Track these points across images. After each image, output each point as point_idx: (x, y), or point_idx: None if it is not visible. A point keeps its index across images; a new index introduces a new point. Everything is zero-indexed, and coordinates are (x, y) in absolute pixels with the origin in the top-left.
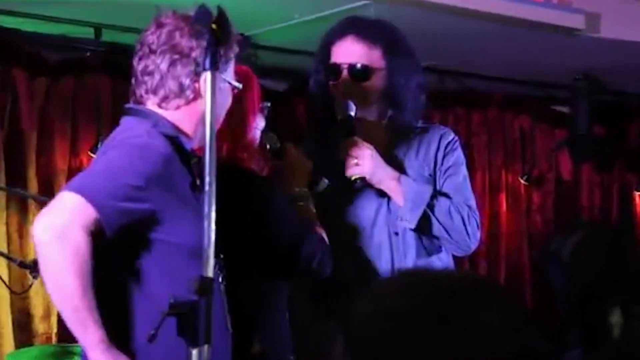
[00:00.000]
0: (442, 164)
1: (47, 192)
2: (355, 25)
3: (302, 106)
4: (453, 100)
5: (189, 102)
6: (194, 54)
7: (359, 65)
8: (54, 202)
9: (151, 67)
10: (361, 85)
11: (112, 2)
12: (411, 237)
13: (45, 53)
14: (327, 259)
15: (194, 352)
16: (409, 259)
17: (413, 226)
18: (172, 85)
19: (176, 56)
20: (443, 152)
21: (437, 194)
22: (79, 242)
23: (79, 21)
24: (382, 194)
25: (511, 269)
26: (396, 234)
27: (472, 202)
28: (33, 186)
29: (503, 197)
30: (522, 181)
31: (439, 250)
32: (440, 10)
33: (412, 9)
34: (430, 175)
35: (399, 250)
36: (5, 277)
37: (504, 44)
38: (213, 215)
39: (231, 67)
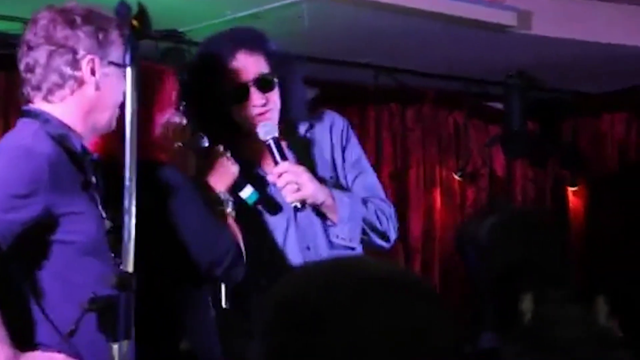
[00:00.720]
0: (343, 160)
1: None
2: (238, 39)
3: None
4: (387, 97)
5: (74, 91)
6: (70, 43)
7: (265, 75)
8: None
9: (31, 63)
10: (267, 97)
11: None
12: (324, 248)
13: None
14: (237, 265)
15: (114, 347)
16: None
17: (354, 245)
18: (53, 77)
19: (53, 47)
20: (340, 148)
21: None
22: None
23: (7, 17)
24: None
25: (446, 263)
26: (307, 248)
27: (383, 193)
28: None
29: (437, 193)
30: (456, 177)
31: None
32: (373, 8)
33: (346, 6)
34: (331, 177)
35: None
36: None
37: (437, 40)
38: (133, 209)
39: (115, 51)
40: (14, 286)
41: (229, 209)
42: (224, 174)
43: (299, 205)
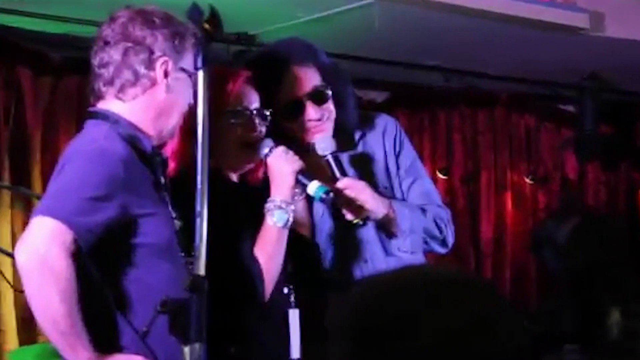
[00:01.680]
0: (397, 167)
1: None
2: (289, 53)
3: None
4: (458, 99)
5: (146, 90)
6: (147, 42)
7: (319, 88)
8: (32, 229)
9: (106, 59)
10: (322, 109)
11: (115, 1)
12: (380, 260)
13: (49, 52)
14: (254, 287)
15: (186, 349)
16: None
17: (413, 256)
18: (127, 74)
19: (129, 45)
20: (394, 155)
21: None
22: (62, 266)
23: (83, 20)
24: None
25: (516, 268)
26: (365, 261)
27: (439, 199)
28: (37, 185)
29: (508, 196)
30: (527, 180)
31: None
32: (444, 10)
33: (417, 7)
34: (386, 188)
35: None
36: (9, 275)
37: (509, 43)
38: (205, 212)
39: (187, 58)
40: (94, 289)
41: (284, 219)
42: (283, 176)
43: (361, 222)
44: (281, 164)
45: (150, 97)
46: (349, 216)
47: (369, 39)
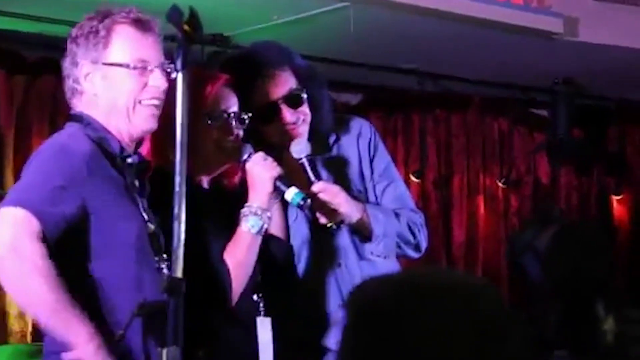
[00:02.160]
0: (371, 172)
1: None
2: (264, 56)
3: None
4: (432, 103)
5: (82, 95)
6: (72, 53)
7: (295, 91)
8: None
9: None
10: (298, 112)
11: (89, 1)
12: (355, 263)
13: (23, 51)
14: (222, 292)
15: (163, 352)
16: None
17: (387, 261)
18: (68, 83)
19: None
20: (368, 159)
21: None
22: (33, 249)
23: (57, 20)
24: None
25: (488, 271)
26: (339, 265)
27: (413, 203)
28: (10, 184)
29: (481, 200)
30: (500, 184)
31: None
32: (418, 13)
33: (391, 11)
34: (360, 191)
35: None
36: None
37: (483, 47)
38: (183, 216)
39: (117, 48)
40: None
41: (258, 225)
42: (261, 182)
43: (335, 227)
44: (260, 170)
45: (88, 102)
46: (322, 220)
47: (344, 41)
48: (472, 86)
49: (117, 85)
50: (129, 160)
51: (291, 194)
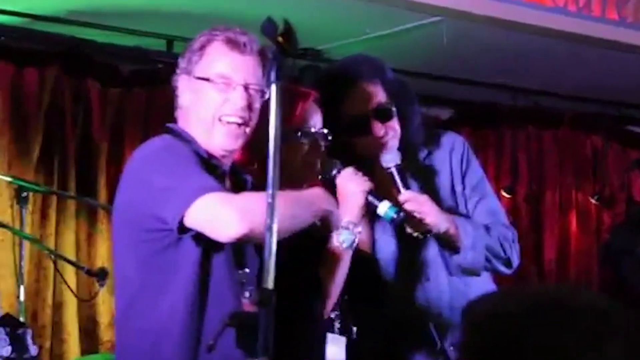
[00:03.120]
0: (463, 187)
1: None
2: (356, 69)
3: None
4: (525, 118)
5: (180, 108)
6: (179, 60)
7: (384, 105)
8: (209, 211)
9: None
10: (386, 126)
11: (184, 14)
12: (444, 278)
13: (118, 64)
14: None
15: None
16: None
17: (475, 274)
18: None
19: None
20: (460, 174)
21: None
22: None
23: (151, 33)
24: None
25: None
26: (428, 279)
27: (505, 218)
28: (103, 195)
29: (573, 216)
30: (593, 201)
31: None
32: (513, 28)
33: (486, 26)
34: (451, 206)
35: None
36: (73, 285)
37: (576, 62)
38: (275, 227)
39: (207, 64)
40: None
41: (350, 240)
42: (353, 196)
43: (421, 236)
44: (351, 184)
45: (183, 114)
46: (409, 229)
47: (437, 55)
48: (565, 102)
49: (201, 99)
50: (224, 169)
51: (384, 208)
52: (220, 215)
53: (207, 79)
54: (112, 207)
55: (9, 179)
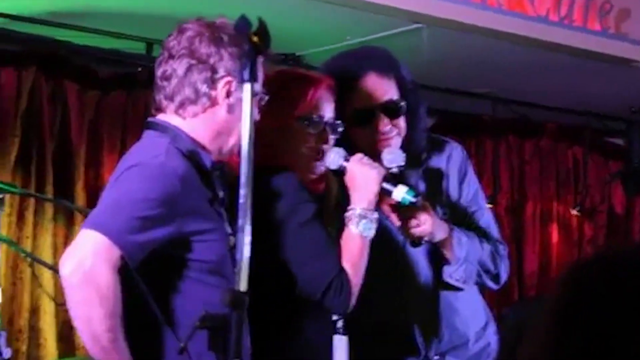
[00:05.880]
0: (459, 196)
1: (94, 205)
2: (371, 59)
3: None
4: (506, 129)
5: (206, 109)
6: (211, 61)
7: (394, 101)
8: (78, 242)
9: (169, 72)
10: (393, 123)
11: (163, 17)
12: (430, 288)
13: (96, 67)
14: (337, 296)
15: None
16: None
17: (465, 286)
18: (187, 91)
19: (193, 62)
20: (457, 182)
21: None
22: (107, 282)
23: (130, 36)
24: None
25: None
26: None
27: (498, 232)
28: (81, 199)
29: (554, 228)
30: (574, 212)
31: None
32: (494, 37)
33: (467, 34)
34: (445, 213)
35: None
36: (51, 288)
37: (558, 72)
38: (248, 228)
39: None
40: (139, 304)
41: (369, 229)
42: (367, 183)
43: (415, 244)
44: (366, 170)
45: (210, 116)
46: (409, 233)
47: (417, 64)
48: (547, 112)
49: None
50: (221, 172)
51: (401, 192)
52: (74, 249)
53: (244, 81)
54: (89, 211)
55: None
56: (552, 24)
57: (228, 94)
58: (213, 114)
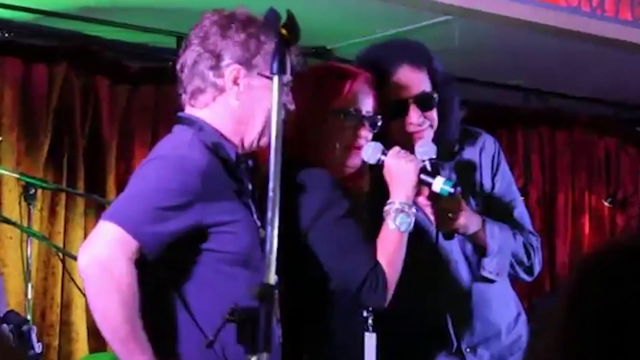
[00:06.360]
0: (492, 187)
1: None
2: (404, 52)
3: None
4: (537, 120)
5: (215, 98)
6: (217, 49)
7: (427, 93)
8: (95, 234)
9: (183, 63)
10: (425, 115)
11: (193, 11)
12: (466, 281)
13: (126, 61)
14: (373, 291)
15: (253, 359)
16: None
17: (498, 279)
18: (197, 81)
19: (201, 50)
20: (490, 174)
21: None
22: (123, 273)
23: (160, 30)
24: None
25: None
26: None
27: (531, 224)
28: (112, 193)
29: (586, 219)
30: (605, 204)
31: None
32: (525, 28)
33: (498, 25)
34: (477, 205)
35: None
36: (81, 283)
37: (591, 63)
38: (276, 221)
39: (268, 62)
40: (159, 296)
41: (407, 223)
42: (406, 176)
43: (449, 236)
44: (404, 163)
45: (223, 105)
46: (442, 226)
47: (448, 56)
48: (579, 103)
49: (259, 95)
50: (248, 164)
51: (439, 184)
52: (91, 240)
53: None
54: None
55: (17, 175)
56: (583, 14)
57: (235, 82)
58: (225, 103)
